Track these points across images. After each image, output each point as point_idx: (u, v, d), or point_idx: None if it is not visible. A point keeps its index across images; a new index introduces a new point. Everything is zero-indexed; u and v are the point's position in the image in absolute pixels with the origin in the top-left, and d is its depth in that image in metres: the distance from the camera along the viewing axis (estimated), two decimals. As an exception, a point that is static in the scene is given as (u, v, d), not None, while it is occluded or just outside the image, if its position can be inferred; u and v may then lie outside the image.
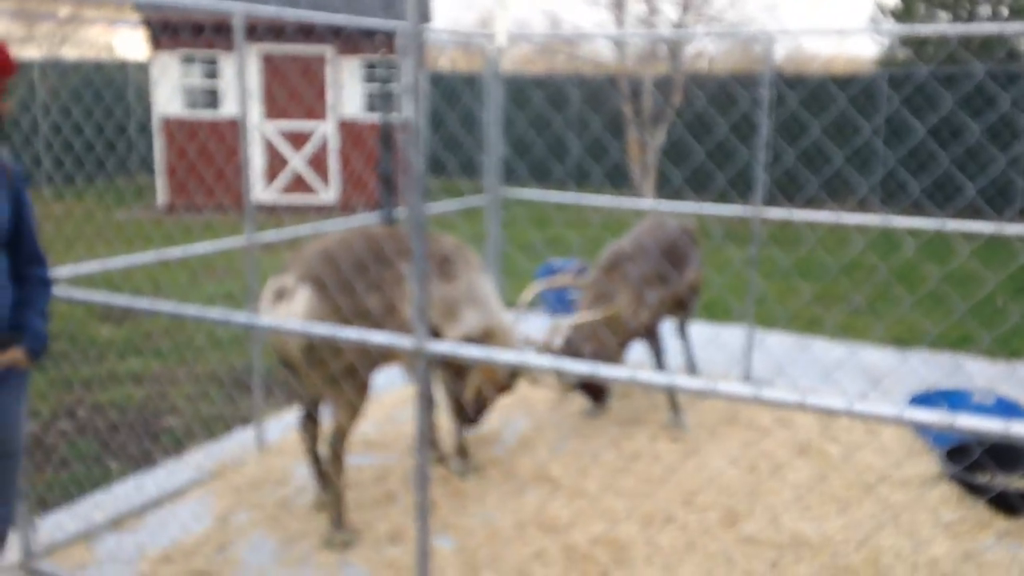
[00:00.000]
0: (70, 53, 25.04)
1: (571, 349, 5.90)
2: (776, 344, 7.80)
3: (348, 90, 16.82)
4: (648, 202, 7.81)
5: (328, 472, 4.81)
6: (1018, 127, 16.08)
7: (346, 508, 4.92)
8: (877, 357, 7.49)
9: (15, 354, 3.58)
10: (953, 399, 6.13)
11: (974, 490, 5.34)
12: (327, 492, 4.87)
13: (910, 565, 4.62)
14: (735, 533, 4.94)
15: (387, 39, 13.19)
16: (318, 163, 17.02)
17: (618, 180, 18.95)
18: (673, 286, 6.38)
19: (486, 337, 5.29)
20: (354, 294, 4.51)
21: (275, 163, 16.82)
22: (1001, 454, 5.50)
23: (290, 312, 4.46)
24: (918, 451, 6.01)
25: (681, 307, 6.80)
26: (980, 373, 7.13)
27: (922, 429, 5.97)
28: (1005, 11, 19.56)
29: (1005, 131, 16.02)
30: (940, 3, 20.50)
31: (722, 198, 16.48)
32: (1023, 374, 7.37)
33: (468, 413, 5.59)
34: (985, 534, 4.97)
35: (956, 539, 4.89)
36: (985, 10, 19.84)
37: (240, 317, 3.97)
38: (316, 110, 16.83)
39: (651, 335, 6.33)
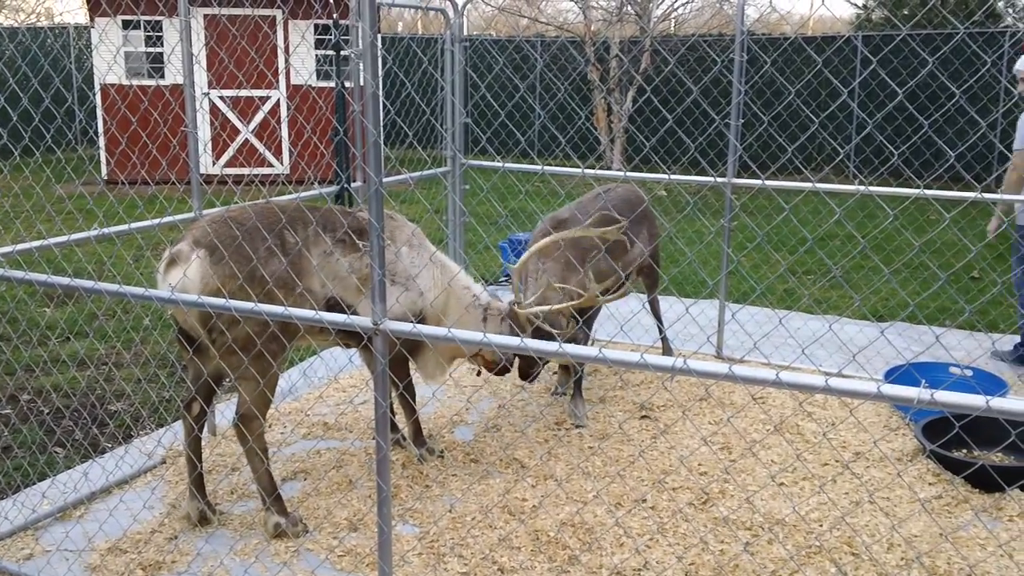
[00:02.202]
0: (6, 20, 24.54)
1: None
2: (750, 318, 7.64)
3: (299, 55, 16.42)
4: (616, 172, 7.64)
5: (248, 458, 4.60)
6: (997, 91, 15.98)
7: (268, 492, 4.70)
8: (854, 330, 7.36)
9: None
10: (931, 372, 6.00)
11: (952, 466, 5.22)
12: (256, 479, 4.65)
13: (886, 544, 4.53)
14: (708, 514, 4.84)
15: (340, 1, 12.83)
16: (269, 133, 16.64)
17: (585, 149, 18.74)
18: (619, 256, 6.15)
19: (421, 321, 5.03)
20: (250, 260, 4.30)
21: (223, 133, 16.42)
22: (979, 429, 5.36)
23: (184, 277, 4.23)
24: (895, 426, 5.91)
25: (637, 277, 6.61)
26: (958, 345, 7.02)
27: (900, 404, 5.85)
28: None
29: (983, 95, 15.93)
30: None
31: (694, 166, 16.33)
32: (1002, 346, 7.27)
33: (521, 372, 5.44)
34: (962, 510, 4.88)
35: (934, 516, 4.79)
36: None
37: (189, 297, 3.84)
38: (265, 77, 16.42)
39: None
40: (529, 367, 5.56)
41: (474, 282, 5.46)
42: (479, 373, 5.58)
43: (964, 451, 5.47)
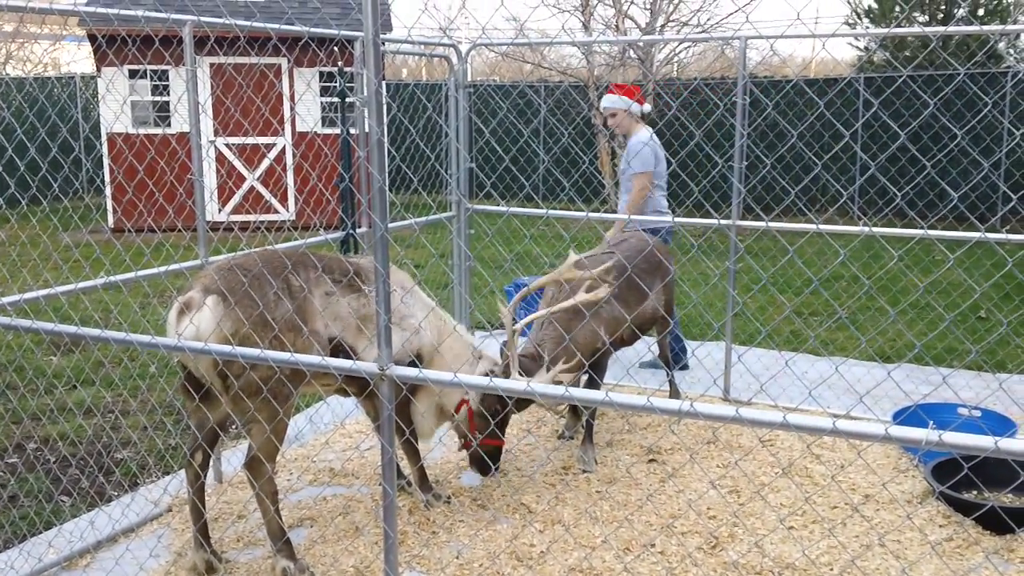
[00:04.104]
0: (14, 71, 24.80)
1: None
2: (756, 360, 7.62)
3: (304, 103, 16.57)
4: (621, 215, 7.67)
5: (259, 502, 4.58)
6: (999, 132, 16.02)
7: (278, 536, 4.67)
8: (861, 372, 7.33)
9: None
10: (939, 413, 5.97)
11: (962, 507, 5.18)
12: (265, 523, 4.63)
13: (898, 588, 4.47)
14: (717, 559, 4.80)
15: (345, 49, 12.96)
16: (274, 180, 16.76)
17: (589, 193, 18.80)
18: (634, 307, 6.10)
19: (421, 363, 5.07)
20: (259, 303, 4.34)
21: (229, 180, 16.54)
22: (988, 470, 5.32)
23: (197, 323, 4.26)
24: (904, 468, 5.87)
25: (646, 329, 6.55)
26: (966, 386, 6.99)
27: (908, 446, 5.82)
28: (981, 11, 19.57)
29: (985, 136, 15.97)
30: (917, 4, 20.42)
31: (698, 209, 16.37)
32: (1010, 386, 7.24)
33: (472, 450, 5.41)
34: (973, 552, 4.84)
35: (944, 559, 4.75)
36: (961, 12, 19.85)
37: (196, 344, 3.89)
38: (271, 124, 16.56)
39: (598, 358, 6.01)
40: (487, 454, 5.44)
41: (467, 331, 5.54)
42: (461, 447, 5.56)
43: (974, 492, 5.43)
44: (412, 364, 4.94)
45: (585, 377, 6.07)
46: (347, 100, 6.93)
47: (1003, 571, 4.64)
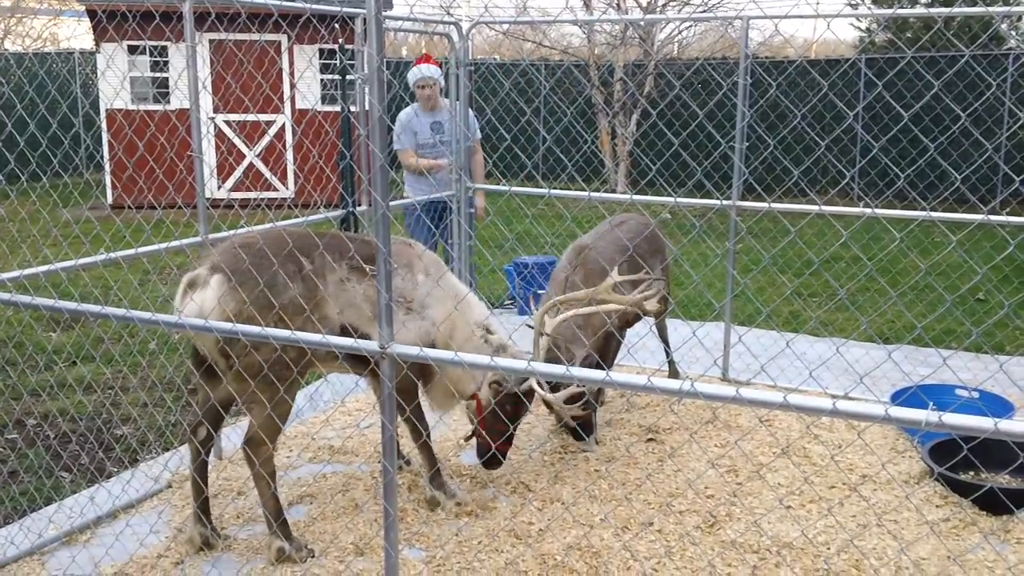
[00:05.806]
0: (13, 46, 24.72)
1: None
2: (755, 341, 7.62)
3: (304, 80, 16.52)
4: (621, 195, 7.66)
5: (256, 482, 4.59)
6: (1000, 114, 15.98)
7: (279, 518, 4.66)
8: (860, 352, 7.34)
9: None
10: (938, 394, 5.98)
11: (959, 488, 5.20)
12: (262, 504, 4.63)
13: (894, 567, 4.51)
14: (715, 538, 4.82)
15: (346, 26, 12.91)
16: (274, 157, 16.71)
17: (590, 173, 18.76)
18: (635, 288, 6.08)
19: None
20: (267, 283, 4.30)
21: (229, 157, 16.50)
22: (986, 451, 5.34)
23: (202, 300, 4.27)
24: (902, 448, 5.89)
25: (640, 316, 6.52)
26: (965, 368, 7.01)
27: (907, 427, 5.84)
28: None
29: (987, 118, 15.93)
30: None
31: (698, 189, 16.34)
32: (1009, 368, 7.25)
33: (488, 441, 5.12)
34: (970, 533, 4.86)
35: (941, 539, 4.77)
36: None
37: (197, 322, 3.86)
38: (271, 101, 16.50)
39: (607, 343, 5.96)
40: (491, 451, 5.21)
41: (495, 323, 5.25)
42: (469, 436, 5.37)
43: (972, 473, 5.45)
44: None
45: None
46: (348, 77, 6.90)
47: (1000, 551, 4.66)
